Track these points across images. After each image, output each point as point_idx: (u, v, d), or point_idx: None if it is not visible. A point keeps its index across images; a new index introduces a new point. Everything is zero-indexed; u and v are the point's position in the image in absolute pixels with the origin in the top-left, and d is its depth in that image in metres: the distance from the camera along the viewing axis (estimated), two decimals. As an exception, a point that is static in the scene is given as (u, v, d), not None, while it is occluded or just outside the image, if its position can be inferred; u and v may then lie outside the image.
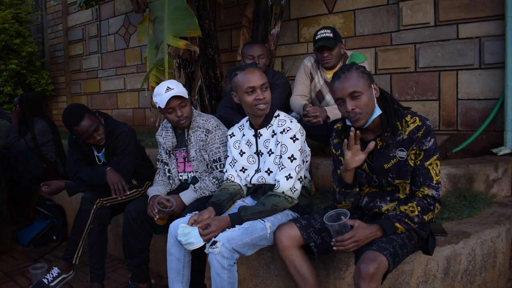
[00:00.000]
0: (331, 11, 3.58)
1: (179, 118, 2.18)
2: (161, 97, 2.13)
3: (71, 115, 2.31)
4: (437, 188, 1.62)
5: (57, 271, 2.37)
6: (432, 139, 1.61)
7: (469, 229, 2.00)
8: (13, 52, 5.62)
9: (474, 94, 2.95)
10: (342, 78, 1.61)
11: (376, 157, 1.69)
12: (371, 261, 1.44)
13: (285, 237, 1.72)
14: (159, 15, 3.00)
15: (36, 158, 3.58)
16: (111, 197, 2.38)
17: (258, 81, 1.89)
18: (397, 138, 1.63)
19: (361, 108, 1.59)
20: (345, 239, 1.57)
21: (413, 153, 1.63)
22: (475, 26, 2.89)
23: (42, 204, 3.52)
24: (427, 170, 1.62)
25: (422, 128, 1.60)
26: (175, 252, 1.93)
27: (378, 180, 1.71)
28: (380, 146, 1.67)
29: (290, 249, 1.72)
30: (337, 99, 1.64)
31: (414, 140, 1.61)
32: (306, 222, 1.76)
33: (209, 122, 2.25)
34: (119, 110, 5.56)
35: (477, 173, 2.46)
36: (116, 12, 5.43)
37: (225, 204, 1.95)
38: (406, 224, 1.60)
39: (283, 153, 1.90)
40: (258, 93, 1.89)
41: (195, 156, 2.27)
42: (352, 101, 1.59)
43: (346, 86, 1.59)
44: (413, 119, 1.63)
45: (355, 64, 1.64)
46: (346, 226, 1.58)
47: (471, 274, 1.95)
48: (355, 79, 1.59)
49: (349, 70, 1.61)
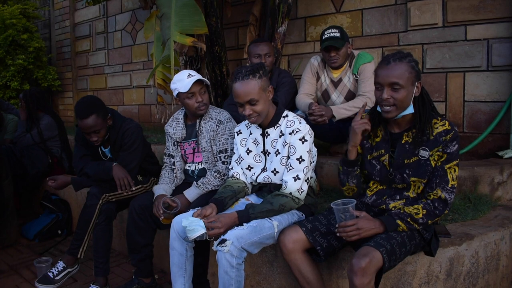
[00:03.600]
0: (338, 10, 3.56)
1: (199, 104, 2.22)
2: (183, 82, 2.18)
3: (81, 108, 2.31)
4: (450, 192, 1.62)
5: (62, 265, 2.40)
6: (457, 145, 1.62)
7: (473, 231, 1.99)
8: (20, 48, 5.64)
9: (481, 96, 2.93)
10: (391, 65, 1.57)
11: (398, 151, 1.69)
12: (364, 256, 1.46)
13: (290, 241, 1.72)
14: (166, 12, 3.00)
15: (42, 153, 3.61)
16: (117, 192, 2.40)
17: (243, 97, 1.84)
18: (424, 137, 1.63)
19: (396, 101, 1.57)
20: (348, 225, 1.59)
21: (437, 154, 1.63)
22: (483, 28, 2.87)
23: (48, 199, 3.54)
24: (445, 173, 1.62)
25: (450, 133, 1.61)
26: (178, 247, 1.94)
27: (394, 174, 1.70)
28: (405, 142, 1.68)
29: (295, 253, 1.72)
30: (377, 83, 1.61)
31: (441, 142, 1.61)
32: (312, 226, 1.76)
33: (221, 114, 2.31)
34: (124, 107, 5.57)
35: (482, 175, 2.45)
36: (123, 9, 5.44)
37: (227, 201, 1.96)
38: (409, 223, 1.60)
39: (291, 154, 1.89)
40: (245, 108, 1.86)
41: (205, 147, 2.29)
42: (390, 91, 1.57)
43: (390, 75, 1.56)
44: (443, 122, 1.63)
45: (410, 56, 1.60)
46: (351, 214, 1.61)
47: (474, 277, 1.94)
48: (402, 71, 1.55)
49: (401, 59, 1.57)
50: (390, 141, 1.71)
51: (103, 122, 2.35)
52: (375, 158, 1.74)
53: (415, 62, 1.60)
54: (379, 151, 1.74)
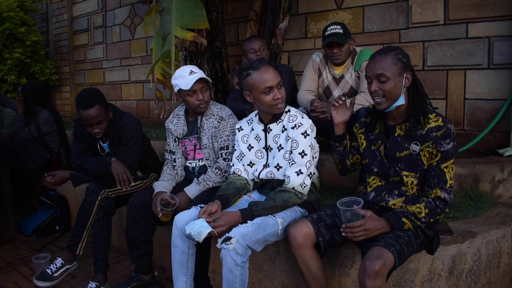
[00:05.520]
0: (339, 6, 3.55)
1: (200, 102, 2.20)
2: (184, 79, 2.16)
3: (84, 98, 2.29)
4: (449, 191, 1.62)
5: (60, 262, 2.38)
6: (452, 143, 1.61)
7: (475, 229, 1.99)
8: (18, 41, 5.58)
9: (481, 94, 2.93)
10: (376, 59, 1.64)
11: (391, 143, 1.71)
12: (377, 258, 1.44)
13: (301, 235, 1.69)
14: (167, 6, 2.98)
15: (39, 147, 3.58)
16: (116, 188, 2.38)
17: (274, 80, 1.88)
18: (416, 131, 1.64)
19: (384, 92, 1.61)
20: (355, 226, 1.57)
21: (428, 150, 1.63)
22: (485, 26, 2.86)
23: (46, 194, 3.51)
24: (443, 173, 1.62)
25: (442, 129, 1.60)
26: (180, 244, 1.93)
27: (388, 166, 1.73)
28: (398, 134, 1.69)
29: (305, 248, 1.70)
30: (367, 77, 1.67)
31: (431, 138, 1.61)
32: (317, 217, 1.76)
33: (223, 110, 2.29)
34: (123, 102, 5.54)
35: (483, 173, 2.45)
36: (122, 3, 5.39)
37: (231, 198, 1.94)
38: (413, 221, 1.60)
39: (293, 148, 1.89)
40: (276, 92, 1.88)
41: (207, 143, 2.27)
42: (377, 83, 1.62)
43: (375, 68, 1.62)
44: (436, 118, 1.63)
45: (398, 49, 1.65)
46: (357, 214, 1.60)
47: (475, 274, 1.95)
48: (388, 63, 1.61)
49: (387, 53, 1.63)
50: (385, 133, 1.75)
51: (105, 113, 2.34)
52: (377, 149, 1.78)
53: (403, 55, 1.64)
54: (377, 142, 1.78)
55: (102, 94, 2.40)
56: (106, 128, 2.38)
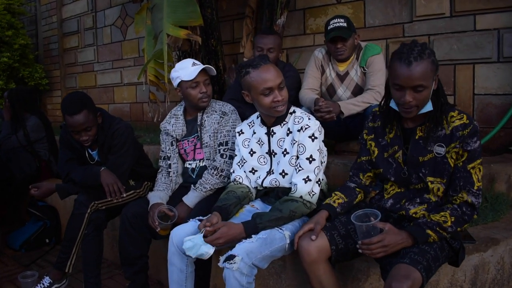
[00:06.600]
0: (339, 1, 3.42)
1: (203, 95, 2.11)
2: (187, 70, 2.07)
3: (70, 103, 2.14)
4: (477, 195, 1.46)
5: (48, 281, 2.22)
6: (478, 141, 1.47)
7: (497, 235, 1.86)
8: (5, 45, 5.43)
9: (491, 89, 2.80)
10: (413, 66, 1.39)
11: (412, 147, 1.54)
12: (405, 278, 1.28)
13: (314, 249, 1.51)
14: (158, 2, 2.84)
15: (29, 156, 3.42)
16: (107, 199, 2.22)
17: (275, 80, 1.72)
18: (439, 132, 1.49)
19: (418, 102, 1.44)
20: (372, 243, 1.40)
21: (455, 151, 1.48)
22: (494, 17, 2.74)
23: (34, 205, 3.37)
24: (469, 174, 1.46)
25: (469, 127, 1.45)
26: (177, 262, 1.76)
27: (408, 173, 1.55)
28: (419, 137, 1.53)
29: (319, 263, 1.52)
30: (397, 84, 1.44)
31: (457, 137, 1.46)
32: (330, 224, 1.60)
33: (225, 106, 2.21)
34: (115, 105, 5.42)
35: (499, 173, 2.32)
36: (112, 3, 5.26)
37: (232, 209, 1.79)
38: (438, 232, 1.44)
39: (300, 153, 1.74)
40: (276, 94, 1.72)
41: (208, 142, 2.16)
42: (413, 93, 1.43)
43: (414, 78, 1.39)
44: (460, 115, 1.48)
45: (428, 49, 1.44)
46: (375, 228, 1.43)
47: (499, 284, 1.82)
48: (426, 70, 1.40)
49: (422, 56, 1.40)
50: (403, 137, 1.58)
51: (94, 119, 2.19)
52: (390, 155, 1.60)
53: (433, 53, 1.46)
54: (393, 148, 1.60)
55: (90, 98, 2.26)
56: (95, 135, 2.23)
